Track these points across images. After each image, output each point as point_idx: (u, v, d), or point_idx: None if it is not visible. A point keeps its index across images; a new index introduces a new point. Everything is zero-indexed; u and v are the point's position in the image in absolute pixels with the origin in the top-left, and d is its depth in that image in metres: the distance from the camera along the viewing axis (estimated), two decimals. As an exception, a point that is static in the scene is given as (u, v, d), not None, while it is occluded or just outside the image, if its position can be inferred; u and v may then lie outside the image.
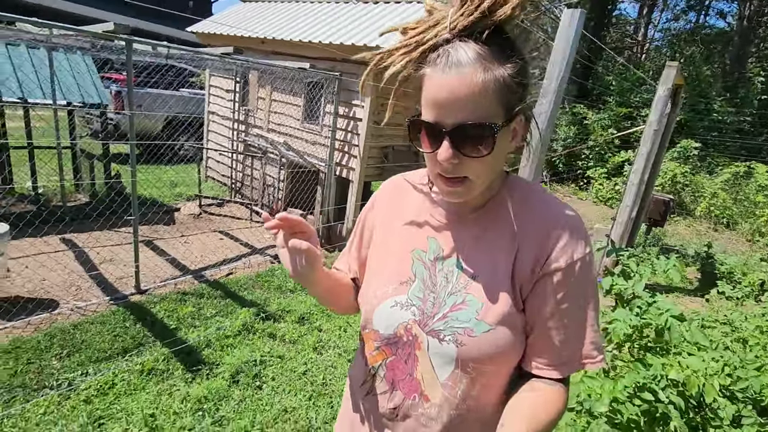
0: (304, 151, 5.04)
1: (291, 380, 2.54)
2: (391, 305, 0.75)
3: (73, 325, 2.75)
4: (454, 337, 0.68)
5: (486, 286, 0.69)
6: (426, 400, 0.73)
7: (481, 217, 0.72)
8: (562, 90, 1.79)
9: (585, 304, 0.68)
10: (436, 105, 0.61)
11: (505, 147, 0.65)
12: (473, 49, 0.58)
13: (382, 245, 0.82)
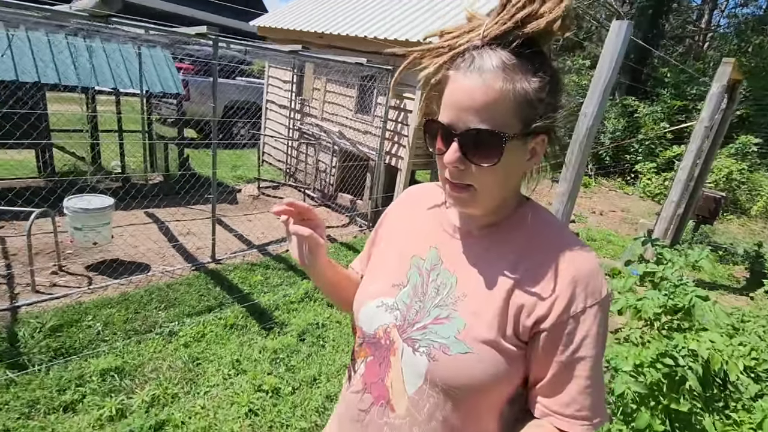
0: (355, 140, 5.38)
1: (349, 342, 2.91)
2: (377, 305, 0.74)
3: (166, 285, 3.25)
4: (428, 350, 0.66)
5: (475, 306, 0.66)
6: (392, 410, 0.71)
7: (489, 236, 0.70)
8: (608, 93, 1.99)
9: (595, 356, 0.63)
10: (453, 107, 0.60)
11: (518, 163, 0.63)
12: (499, 57, 0.58)
13: (386, 246, 0.82)
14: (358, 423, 0.75)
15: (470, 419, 0.67)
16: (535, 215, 0.70)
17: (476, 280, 0.67)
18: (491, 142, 0.59)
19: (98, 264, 3.42)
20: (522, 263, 0.65)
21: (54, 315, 2.69)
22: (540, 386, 0.65)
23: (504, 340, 0.64)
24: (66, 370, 2.28)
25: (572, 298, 0.62)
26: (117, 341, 2.57)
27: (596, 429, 0.64)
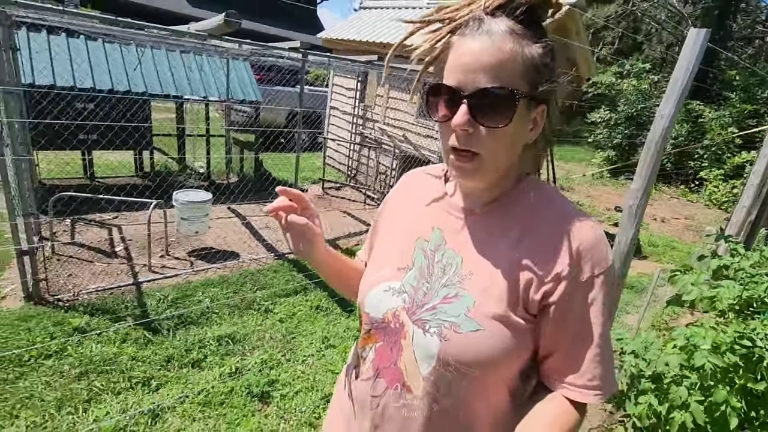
0: (417, 143, 5.66)
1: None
2: (385, 289, 0.73)
3: (256, 270, 3.66)
4: (439, 330, 0.66)
5: (483, 283, 0.65)
6: (408, 391, 0.70)
7: (491, 212, 0.69)
8: (684, 97, 2.13)
9: (603, 326, 0.64)
10: (460, 69, 0.59)
11: (522, 131, 0.63)
12: (505, 23, 0.58)
13: (389, 231, 0.81)
14: (371, 411, 0.74)
15: (485, 394, 0.67)
16: (536, 189, 0.69)
17: (482, 258, 0.67)
18: (504, 101, 0.58)
19: (197, 250, 3.90)
20: (526, 238, 0.65)
21: (171, 291, 3.14)
22: (551, 359, 0.66)
23: (514, 314, 0.64)
24: (189, 334, 2.69)
25: (578, 269, 0.62)
26: (224, 314, 2.96)
27: (606, 398, 0.65)
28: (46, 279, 2.89)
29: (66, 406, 2.02)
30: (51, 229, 3.51)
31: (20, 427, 1.87)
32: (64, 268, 3.24)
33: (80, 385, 2.15)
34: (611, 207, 7.78)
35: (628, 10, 15.16)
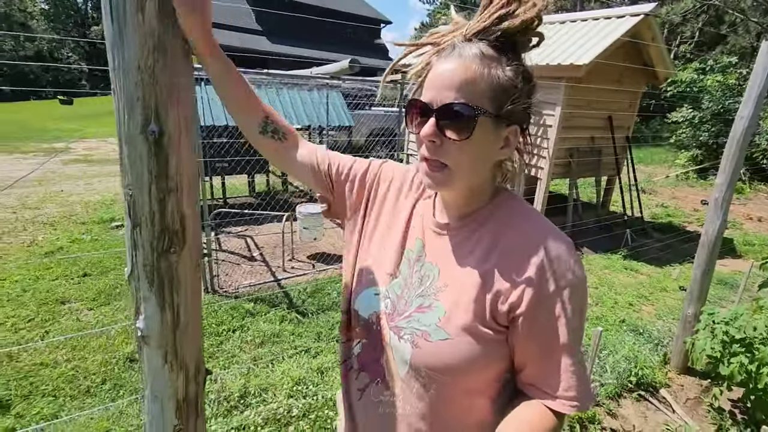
0: (495, 154, 6.07)
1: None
2: (375, 293, 0.78)
3: (366, 270, 4.29)
4: (412, 338, 0.69)
5: (455, 296, 0.68)
6: (386, 387, 0.75)
7: (466, 226, 0.72)
8: (762, 100, 2.40)
9: (572, 337, 0.64)
10: (432, 87, 0.64)
11: (490, 147, 0.65)
12: (477, 47, 0.63)
13: (383, 235, 0.82)
14: (357, 401, 0.82)
15: (459, 399, 0.70)
16: (508, 203, 0.71)
17: (455, 271, 0.70)
18: (464, 116, 0.61)
19: (314, 255, 4.63)
20: (495, 250, 0.67)
21: (306, 285, 3.85)
22: (525, 370, 0.68)
23: (482, 326, 0.66)
24: (329, 317, 3.34)
25: (542, 281, 0.63)
26: (350, 303, 3.60)
27: (583, 409, 0.66)
28: (217, 276, 3.72)
29: (259, 363, 2.72)
30: (210, 240, 4.42)
31: (235, 376, 2.59)
32: (222, 269, 4.09)
33: (263, 350, 2.86)
34: (698, 207, 7.55)
35: (707, 2, 14.37)
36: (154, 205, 0.77)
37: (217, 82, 0.79)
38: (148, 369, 0.88)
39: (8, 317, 3.14)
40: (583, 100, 5.25)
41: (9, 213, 5.46)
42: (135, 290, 0.83)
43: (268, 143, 0.85)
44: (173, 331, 0.86)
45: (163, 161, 0.75)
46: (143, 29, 0.67)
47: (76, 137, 12.09)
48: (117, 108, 0.72)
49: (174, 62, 0.72)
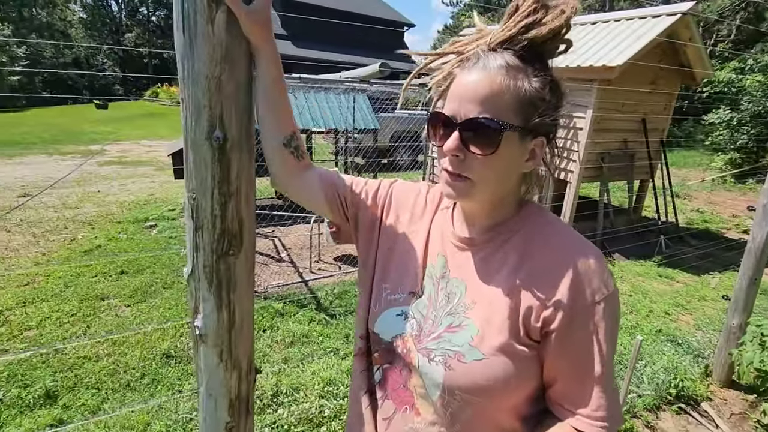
0: (522, 157, 5.98)
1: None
2: (397, 314, 0.75)
3: (393, 273, 4.30)
4: (444, 360, 0.66)
5: (485, 312, 0.66)
6: (417, 414, 0.71)
7: (491, 240, 0.69)
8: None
9: (606, 354, 0.62)
10: (456, 99, 0.62)
11: (516, 161, 0.64)
12: (503, 57, 0.61)
13: (401, 253, 0.79)
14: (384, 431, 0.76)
15: (492, 421, 0.68)
16: (535, 216, 0.69)
17: (483, 287, 0.67)
18: (489, 131, 0.60)
19: (340, 256, 4.66)
20: (525, 265, 0.65)
21: (333, 287, 3.88)
22: (555, 386, 0.66)
23: (517, 343, 0.64)
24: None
25: (575, 296, 0.61)
26: (378, 306, 3.61)
27: (612, 430, 0.63)
28: (248, 276, 3.80)
29: (290, 363, 2.76)
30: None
31: (267, 374, 2.63)
32: (251, 269, 4.17)
33: (293, 350, 2.90)
34: (738, 213, 7.24)
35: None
36: (216, 209, 0.79)
37: (270, 87, 0.76)
38: (204, 367, 0.90)
39: (53, 312, 3.29)
40: (615, 102, 5.12)
41: (51, 212, 5.72)
42: (194, 290, 0.86)
43: (288, 158, 0.82)
44: (229, 330, 0.88)
45: (225, 166, 0.77)
46: (212, 40, 0.70)
47: (111, 140, 12.56)
48: (184, 115, 0.75)
49: (238, 71, 0.74)
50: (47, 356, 2.75)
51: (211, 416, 0.94)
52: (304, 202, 0.87)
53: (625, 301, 3.94)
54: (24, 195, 6.45)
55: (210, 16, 0.69)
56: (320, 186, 0.83)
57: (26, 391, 2.44)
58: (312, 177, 0.84)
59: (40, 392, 2.42)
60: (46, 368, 2.64)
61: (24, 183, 7.18)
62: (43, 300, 3.46)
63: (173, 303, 3.50)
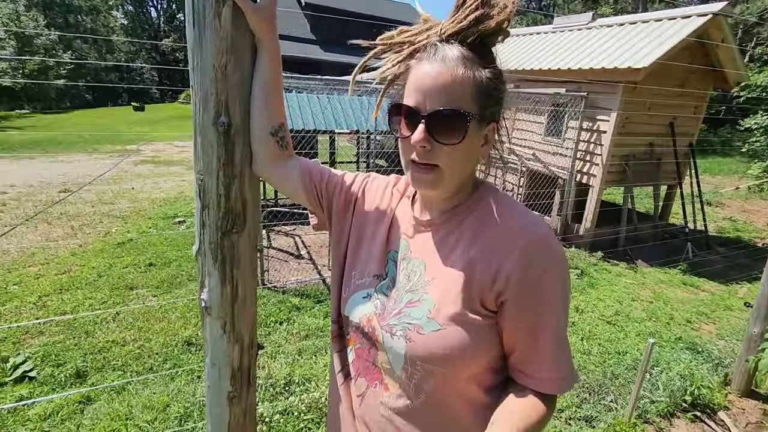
0: (545, 161, 5.92)
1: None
2: (363, 296, 0.79)
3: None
4: (404, 333, 0.70)
5: (442, 287, 0.69)
6: (386, 389, 0.75)
7: (449, 220, 0.73)
8: None
9: (558, 319, 0.67)
10: (418, 91, 0.64)
11: (475, 147, 0.68)
12: (458, 49, 0.64)
13: (368, 241, 0.83)
14: (358, 408, 0.80)
15: (455, 390, 0.71)
16: (489, 196, 0.73)
17: (441, 264, 0.71)
18: (456, 122, 0.63)
19: (359, 255, 4.73)
20: (478, 241, 0.69)
21: (349, 284, 3.95)
22: (513, 354, 0.70)
23: (471, 312, 0.67)
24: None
25: (526, 267, 0.64)
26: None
27: (567, 390, 0.68)
28: (267, 270, 3.92)
29: (303, 355, 2.84)
30: (261, 235, 4.66)
31: (281, 365, 2.72)
32: (271, 265, 4.29)
33: (308, 343, 2.98)
34: (775, 222, 6.90)
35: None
36: (221, 189, 0.87)
37: (269, 79, 0.81)
38: (209, 337, 0.98)
39: (86, 298, 3.50)
40: (641, 104, 5.01)
41: (89, 207, 6.05)
42: (201, 265, 0.93)
43: (273, 146, 0.84)
44: (232, 304, 0.95)
45: (230, 150, 0.84)
46: (219, 33, 0.77)
47: (146, 140, 13.13)
48: (194, 102, 0.83)
49: (243, 61, 0.81)
50: (79, 339, 2.93)
51: (215, 385, 1.02)
52: (283, 189, 0.91)
53: (645, 307, 3.84)
54: (65, 191, 6.84)
55: (217, 11, 0.76)
56: (300, 176, 0.87)
57: (59, 370, 2.61)
58: (293, 166, 0.88)
59: (71, 371, 2.58)
60: (77, 350, 2.81)
61: (65, 179, 7.61)
62: (78, 288, 3.68)
63: (197, 294, 3.65)
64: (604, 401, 2.49)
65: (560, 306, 0.67)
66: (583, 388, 2.61)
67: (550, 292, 0.66)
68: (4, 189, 6.74)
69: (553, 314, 0.67)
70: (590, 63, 5.05)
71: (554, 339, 0.67)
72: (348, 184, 0.88)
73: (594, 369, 2.82)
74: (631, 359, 2.93)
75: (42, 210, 5.77)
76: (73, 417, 2.25)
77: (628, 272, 4.75)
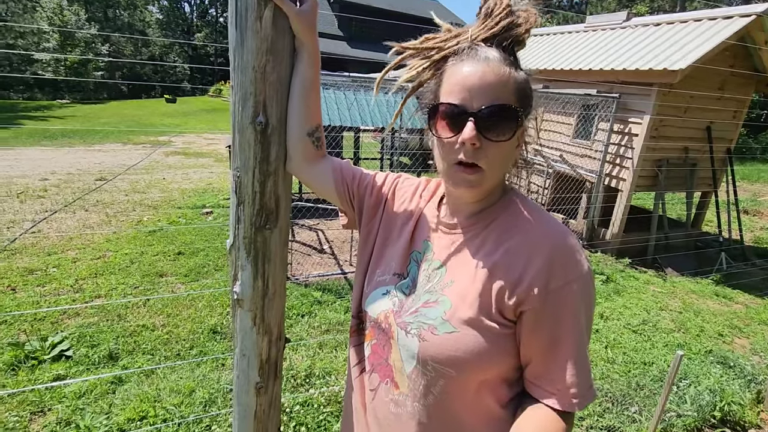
0: (573, 163, 5.79)
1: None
2: (383, 293, 0.79)
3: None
4: (418, 332, 0.70)
5: (460, 290, 0.69)
6: (395, 387, 0.75)
7: (474, 224, 0.73)
8: None
9: (578, 333, 0.65)
10: (464, 89, 0.63)
11: (514, 148, 0.68)
12: (497, 51, 0.65)
13: (394, 241, 0.84)
14: (370, 403, 0.81)
15: (464, 395, 0.70)
16: (516, 202, 0.72)
17: (462, 266, 0.71)
18: (506, 117, 0.63)
19: (380, 252, 4.76)
20: (502, 246, 0.68)
21: (370, 280, 3.98)
22: (530, 366, 0.68)
23: (487, 319, 0.66)
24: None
25: (549, 276, 0.63)
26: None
27: (583, 407, 0.66)
28: (291, 264, 3.99)
29: (324, 349, 2.89)
30: (284, 230, 4.75)
31: (302, 357, 2.77)
32: (294, 258, 4.37)
33: (328, 337, 3.03)
34: (819, 234, 6.55)
35: None
36: (256, 186, 0.89)
37: (308, 81, 0.82)
38: (239, 329, 1.01)
39: (119, 284, 3.65)
40: (676, 107, 4.83)
41: (122, 195, 6.28)
42: (234, 259, 0.97)
43: (309, 146, 0.86)
44: (263, 297, 0.98)
45: (266, 148, 0.87)
46: (260, 34, 0.80)
47: (177, 132, 13.51)
48: (233, 101, 0.86)
49: (281, 63, 0.84)
50: (112, 322, 3.06)
51: (244, 374, 1.05)
52: (315, 188, 0.93)
53: (673, 318, 3.73)
54: (101, 179, 7.13)
55: (259, 13, 0.79)
56: (332, 175, 0.89)
57: (93, 351, 2.74)
58: (326, 166, 0.90)
59: (104, 353, 2.71)
60: (110, 333, 2.94)
61: (101, 168, 7.93)
62: (111, 273, 3.84)
63: (223, 284, 3.75)
64: (627, 411, 2.44)
65: (582, 321, 0.65)
66: (606, 397, 2.56)
67: (572, 305, 0.64)
68: (46, 176, 7.08)
69: (574, 329, 0.64)
70: (623, 63, 4.90)
71: (573, 354, 0.65)
72: (379, 184, 0.89)
73: (618, 378, 2.76)
74: (657, 370, 2.85)
75: (80, 197, 6.03)
76: (106, 396, 2.36)
77: (657, 280, 4.61)
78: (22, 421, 2.16)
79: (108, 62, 21.14)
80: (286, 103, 0.87)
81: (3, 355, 2.61)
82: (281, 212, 0.95)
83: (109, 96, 24.29)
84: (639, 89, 4.83)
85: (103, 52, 24.67)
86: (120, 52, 27.73)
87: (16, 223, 4.88)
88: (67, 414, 2.20)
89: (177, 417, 2.19)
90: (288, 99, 0.87)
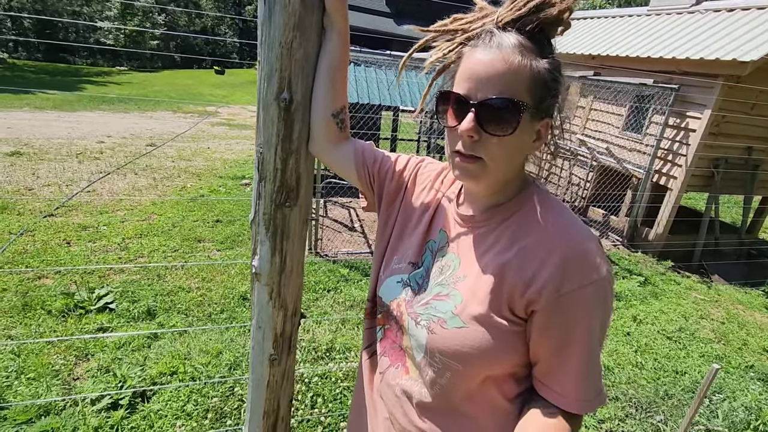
0: (620, 156, 5.48)
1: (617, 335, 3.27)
2: (397, 281, 0.80)
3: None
4: (428, 324, 0.70)
5: (471, 285, 0.68)
6: (405, 372, 0.77)
7: (490, 219, 0.71)
8: None
9: (590, 337, 0.63)
10: (470, 78, 0.61)
11: (525, 142, 0.65)
12: (515, 37, 0.60)
13: (412, 228, 0.83)
14: (380, 385, 0.83)
15: (470, 390, 0.70)
16: (535, 198, 0.69)
17: (476, 262, 0.69)
18: (509, 111, 0.60)
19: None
20: (517, 243, 0.66)
21: (397, 262, 4.00)
22: (539, 365, 0.67)
23: (497, 316, 0.65)
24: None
25: (563, 279, 0.61)
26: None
27: (592, 410, 0.65)
28: (321, 239, 4.07)
29: (346, 325, 2.95)
30: (318, 205, 4.82)
31: (325, 331, 2.85)
32: (325, 235, 4.45)
33: (352, 313, 3.09)
34: None
35: None
36: (278, 163, 0.90)
37: (336, 59, 0.81)
38: (256, 302, 1.05)
39: (161, 245, 3.86)
40: (743, 103, 4.44)
41: (169, 162, 6.58)
42: (254, 234, 0.99)
43: (333, 128, 0.85)
44: (279, 273, 1.00)
45: (289, 126, 0.87)
46: (287, 10, 0.79)
47: (224, 103, 13.90)
48: (259, 77, 0.86)
49: (308, 39, 0.83)
50: (152, 281, 3.26)
51: (259, 346, 1.09)
52: (337, 170, 0.92)
53: (714, 327, 3.52)
54: (151, 144, 7.49)
55: (288, -12, 0.78)
56: (354, 158, 0.88)
57: (133, 305, 2.93)
58: (348, 148, 0.89)
59: (143, 309, 2.90)
60: (150, 290, 3.13)
61: (152, 134, 8.32)
62: (155, 235, 4.07)
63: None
64: (652, 419, 2.35)
65: (595, 326, 0.63)
66: (629, 402, 2.48)
67: (586, 310, 0.62)
68: (102, 139, 7.51)
69: (585, 333, 0.63)
70: (686, 52, 4.53)
71: (582, 358, 0.63)
72: (399, 169, 0.88)
73: (645, 384, 2.66)
74: (689, 380, 2.72)
75: (131, 161, 6.37)
76: (142, 349, 2.53)
77: (701, 287, 4.35)
78: (68, 365, 2.36)
79: (163, 33, 22.01)
80: (312, 81, 0.87)
81: (56, 302, 2.85)
82: (302, 191, 0.95)
83: (163, 65, 25.22)
84: (701, 81, 4.46)
85: (160, 22, 25.53)
86: (175, 22, 28.59)
87: (74, 182, 5.24)
88: (107, 362, 2.39)
89: (204, 376, 2.32)
90: (314, 77, 0.86)
